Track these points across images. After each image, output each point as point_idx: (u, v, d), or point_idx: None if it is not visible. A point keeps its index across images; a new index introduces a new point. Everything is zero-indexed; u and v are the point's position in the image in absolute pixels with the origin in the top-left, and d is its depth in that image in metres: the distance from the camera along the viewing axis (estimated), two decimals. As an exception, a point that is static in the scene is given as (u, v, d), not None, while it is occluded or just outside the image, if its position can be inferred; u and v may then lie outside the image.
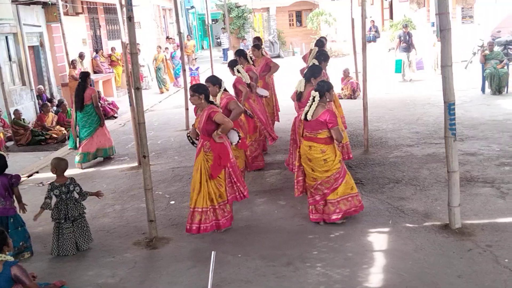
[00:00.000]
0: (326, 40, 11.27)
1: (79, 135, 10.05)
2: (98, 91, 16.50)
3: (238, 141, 6.42)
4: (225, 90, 7.04)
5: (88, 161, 10.01)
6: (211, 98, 6.21)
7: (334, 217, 6.09)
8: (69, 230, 5.96)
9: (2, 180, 5.96)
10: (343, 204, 6.10)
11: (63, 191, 5.94)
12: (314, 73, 7.12)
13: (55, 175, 6.07)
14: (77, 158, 9.91)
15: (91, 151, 9.99)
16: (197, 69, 18.87)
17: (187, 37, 28.27)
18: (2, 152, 6.26)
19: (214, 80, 6.94)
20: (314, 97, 6.05)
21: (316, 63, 8.03)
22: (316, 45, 10.03)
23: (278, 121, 11.11)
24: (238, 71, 8.61)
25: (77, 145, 10.10)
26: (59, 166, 6.03)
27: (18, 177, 6.16)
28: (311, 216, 6.25)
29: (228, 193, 6.14)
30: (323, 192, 6.09)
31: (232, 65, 8.85)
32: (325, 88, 6.11)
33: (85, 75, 10.14)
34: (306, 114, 6.10)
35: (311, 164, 6.12)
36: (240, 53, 9.79)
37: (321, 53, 8.60)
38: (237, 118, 7.07)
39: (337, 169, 6.06)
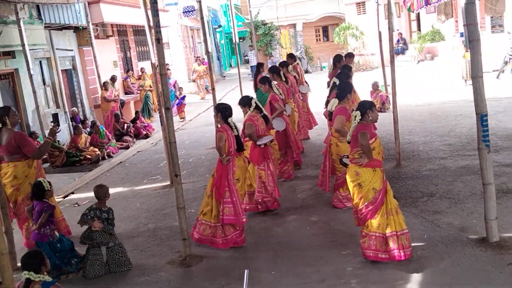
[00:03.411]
0: (344, 56, 11.32)
1: None
2: (137, 111, 16.85)
3: (266, 143, 7.32)
4: (256, 108, 7.50)
5: None
6: (229, 121, 6.56)
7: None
8: (96, 257, 6.00)
9: (39, 206, 6.09)
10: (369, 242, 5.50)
11: (96, 214, 6.00)
12: (344, 91, 7.06)
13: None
14: None
15: None
16: (183, 98, 18.62)
17: (197, 60, 25.94)
18: (41, 179, 6.38)
19: (243, 102, 7.63)
20: (355, 117, 5.60)
21: (337, 81, 8.13)
22: (333, 61, 10.33)
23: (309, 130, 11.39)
24: (274, 87, 8.92)
25: None
26: (97, 192, 6.10)
27: (51, 207, 6.21)
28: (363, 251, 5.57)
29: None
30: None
31: (265, 81, 9.03)
32: (367, 107, 5.61)
33: (259, 65, 12.53)
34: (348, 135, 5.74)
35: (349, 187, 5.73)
36: (273, 70, 9.99)
37: (342, 72, 8.61)
38: (252, 139, 7.41)
39: (370, 199, 5.45)
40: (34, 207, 6.16)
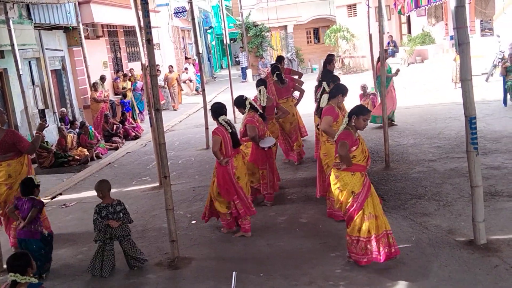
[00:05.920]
0: (331, 57, 11.01)
1: None
2: (124, 112, 16.75)
3: (269, 147, 7.48)
4: (252, 109, 7.54)
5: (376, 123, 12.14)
6: (220, 119, 6.61)
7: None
8: (110, 253, 5.97)
9: (28, 204, 6.06)
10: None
11: (109, 211, 5.93)
12: (338, 91, 7.01)
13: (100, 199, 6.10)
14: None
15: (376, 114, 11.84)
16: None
17: (169, 67, 22.77)
18: (32, 176, 6.38)
19: (238, 103, 7.72)
20: (344, 121, 5.60)
21: (326, 85, 8.00)
22: (323, 64, 10.22)
23: (306, 134, 11.39)
24: (260, 92, 8.61)
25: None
26: (102, 187, 6.06)
27: (40, 203, 6.23)
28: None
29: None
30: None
31: (259, 84, 8.82)
32: (354, 112, 5.56)
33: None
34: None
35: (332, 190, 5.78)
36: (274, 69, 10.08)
37: (328, 75, 8.50)
38: (255, 141, 7.50)
39: (348, 203, 5.43)
40: (18, 206, 6.11)
